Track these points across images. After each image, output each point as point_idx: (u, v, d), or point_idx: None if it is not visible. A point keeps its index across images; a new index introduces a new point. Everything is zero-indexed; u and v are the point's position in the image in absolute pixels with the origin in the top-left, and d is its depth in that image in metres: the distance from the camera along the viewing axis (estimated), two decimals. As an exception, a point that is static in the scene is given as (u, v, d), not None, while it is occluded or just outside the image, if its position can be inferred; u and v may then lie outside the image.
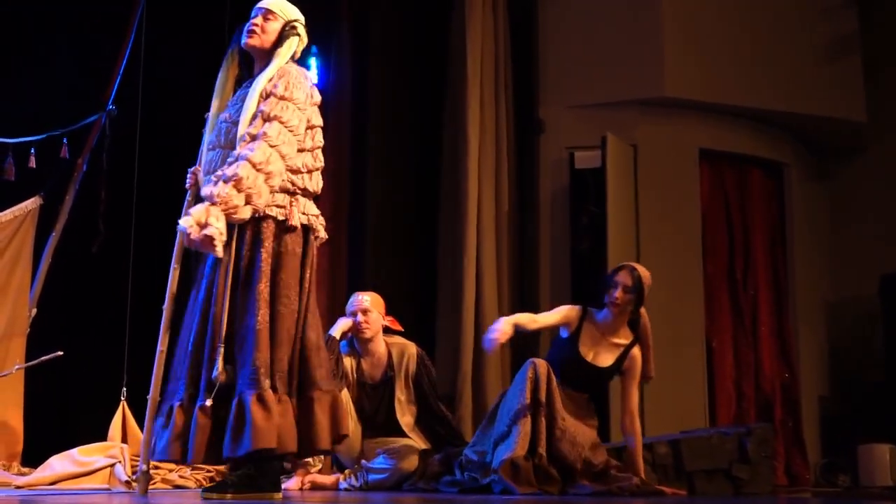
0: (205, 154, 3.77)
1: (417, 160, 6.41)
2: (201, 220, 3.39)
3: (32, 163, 5.55)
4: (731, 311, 6.93)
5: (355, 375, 5.17)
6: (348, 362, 5.16)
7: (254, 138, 3.52)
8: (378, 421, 5.16)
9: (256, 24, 3.74)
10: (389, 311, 5.29)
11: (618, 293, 4.56)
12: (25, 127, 5.54)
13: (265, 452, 3.38)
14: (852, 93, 7.15)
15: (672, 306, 6.42)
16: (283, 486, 4.99)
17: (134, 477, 4.81)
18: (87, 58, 5.85)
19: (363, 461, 5.04)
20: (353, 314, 5.16)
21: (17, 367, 5.30)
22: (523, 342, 6.36)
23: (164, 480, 5.00)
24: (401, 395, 5.17)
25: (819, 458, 6.89)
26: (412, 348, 5.24)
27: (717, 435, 5.23)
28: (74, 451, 4.96)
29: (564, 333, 4.70)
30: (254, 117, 3.57)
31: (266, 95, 3.61)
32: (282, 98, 3.60)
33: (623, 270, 4.64)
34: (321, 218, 3.70)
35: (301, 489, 4.96)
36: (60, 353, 5.00)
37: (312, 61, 6.72)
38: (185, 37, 6.23)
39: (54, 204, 5.67)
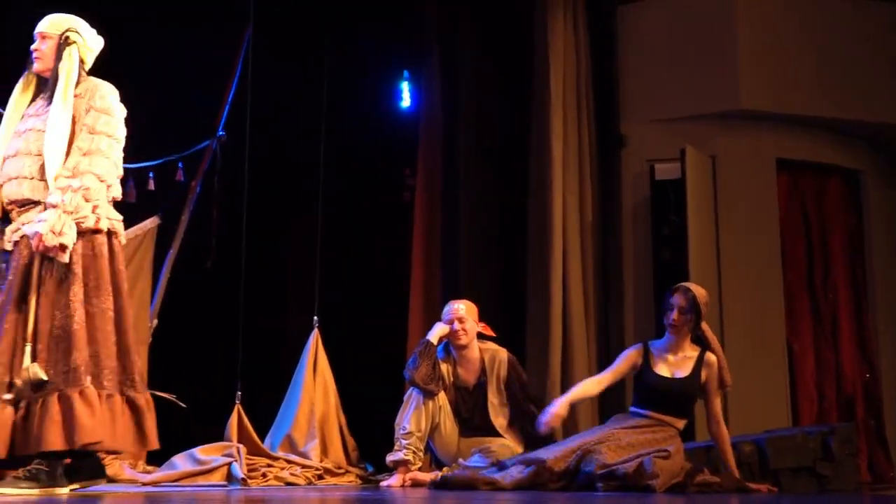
0: (8, 161, 3.72)
1: (506, 175, 6.45)
2: (56, 229, 3.46)
3: (151, 186, 5.75)
4: (811, 315, 6.80)
5: (452, 379, 5.23)
6: (445, 367, 5.21)
7: (87, 153, 3.60)
8: (474, 423, 5.20)
9: (37, 50, 3.80)
10: (482, 317, 5.34)
11: (674, 315, 4.61)
12: (144, 153, 5.73)
13: (91, 447, 3.40)
14: (927, 101, 6.97)
15: (753, 312, 6.34)
16: (385, 483, 5.10)
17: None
18: (198, 88, 6.04)
19: (460, 459, 5.07)
20: (450, 322, 5.21)
21: None
22: (610, 349, 6.36)
23: (276, 478, 5.12)
24: (493, 398, 5.20)
25: (902, 457, 6.71)
26: (503, 354, 5.26)
27: (801, 434, 5.15)
28: (195, 451, 5.12)
29: (636, 373, 4.75)
30: (76, 131, 3.64)
31: (87, 110, 3.68)
32: (102, 111, 3.69)
33: (677, 292, 4.67)
34: (121, 223, 3.76)
35: (403, 486, 5.03)
36: (183, 405, 5.12)
37: (404, 85, 6.85)
38: (288, 66, 6.40)
39: (171, 223, 5.85)
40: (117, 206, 3.83)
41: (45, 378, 3.42)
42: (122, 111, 3.79)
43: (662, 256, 6.57)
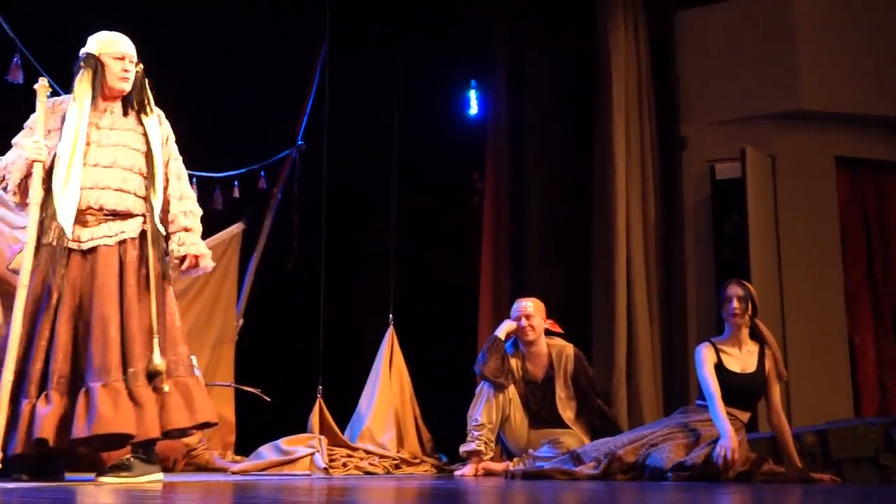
0: (101, 168, 3.77)
1: (570, 178, 6.53)
2: (202, 252, 3.90)
3: (236, 193, 5.94)
4: (871, 311, 6.74)
5: (520, 373, 5.31)
6: (514, 362, 5.29)
7: (179, 177, 3.94)
8: (543, 415, 5.26)
9: (129, 72, 3.84)
10: (549, 314, 5.42)
11: (735, 305, 4.60)
12: (229, 163, 5.93)
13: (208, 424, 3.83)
14: None
15: (814, 308, 6.32)
16: (459, 472, 5.21)
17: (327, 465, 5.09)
18: (278, 101, 6.23)
19: (530, 450, 5.15)
20: (518, 319, 5.29)
21: (226, 384, 5.70)
22: (673, 345, 6.39)
23: (356, 467, 5.25)
24: (561, 392, 5.25)
25: (965, 450, 6.61)
26: (570, 349, 5.31)
27: (862, 425, 5.12)
28: (279, 442, 5.25)
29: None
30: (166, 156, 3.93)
31: (166, 137, 3.95)
32: (172, 137, 3.99)
33: (731, 284, 4.68)
34: None
35: (476, 475, 5.12)
36: (267, 399, 5.35)
37: (472, 94, 6.97)
38: (362, 77, 6.55)
39: (255, 228, 6.05)
40: (206, 211, 4.11)
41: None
42: None
43: (723, 255, 6.57)
